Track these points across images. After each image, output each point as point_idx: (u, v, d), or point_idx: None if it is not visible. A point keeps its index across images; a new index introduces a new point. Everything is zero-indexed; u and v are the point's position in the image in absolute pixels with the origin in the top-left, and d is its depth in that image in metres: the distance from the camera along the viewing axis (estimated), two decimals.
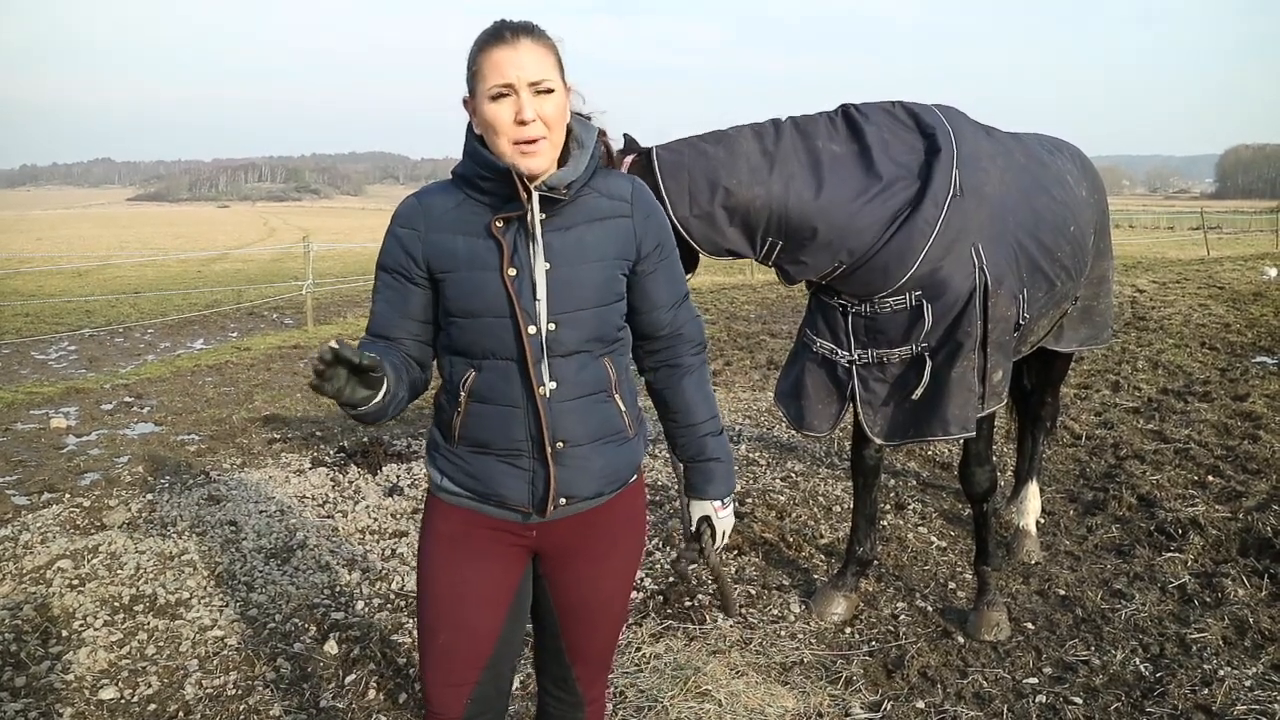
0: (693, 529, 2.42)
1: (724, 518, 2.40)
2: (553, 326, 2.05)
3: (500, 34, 2.00)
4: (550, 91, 2.00)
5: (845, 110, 3.73)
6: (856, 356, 3.81)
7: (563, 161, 2.10)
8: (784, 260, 3.64)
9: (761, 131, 3.60)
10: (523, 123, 1.97)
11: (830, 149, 3.58)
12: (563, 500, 2.13)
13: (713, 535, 2.41)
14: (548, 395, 2.07)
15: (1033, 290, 3.94)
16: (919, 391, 3.68)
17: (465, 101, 2.08)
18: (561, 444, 2.10)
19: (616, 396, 2.18)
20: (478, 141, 2.06)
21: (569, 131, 2.11)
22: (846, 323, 3.80)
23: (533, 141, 1.99)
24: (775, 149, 3.53)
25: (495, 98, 1.98)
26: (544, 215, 2.05)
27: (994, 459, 4.14)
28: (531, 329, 2.03)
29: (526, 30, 2.01)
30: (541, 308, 2.03)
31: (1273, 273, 17.42)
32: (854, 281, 3.63)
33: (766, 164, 3.50)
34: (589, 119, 2.19)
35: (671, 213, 3.41)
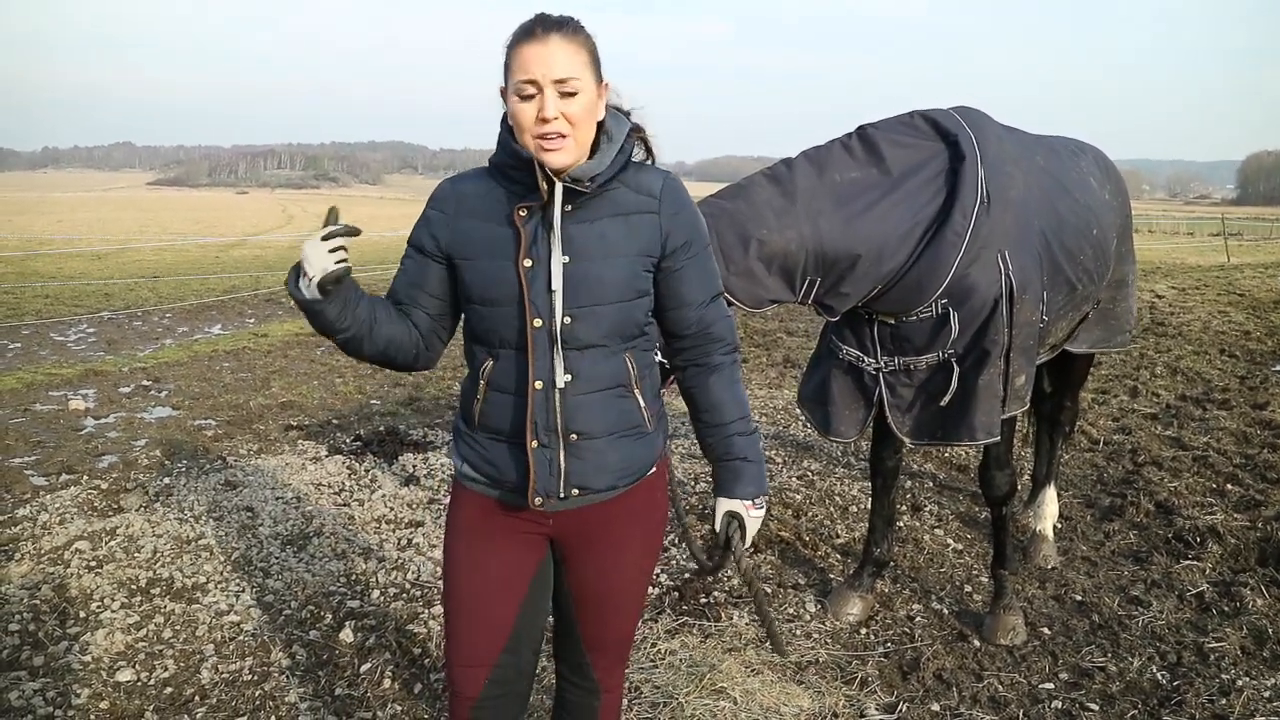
0: (717, 528, 2.33)
1: (754, 516, 2.30)
2: (568, 320, 2.05)
3: (532, 30, 2.00)
4: (576, 92, 2.00)
5: (861, 132, 3.68)
6: (883, 364, 3.79)
7: (591, 154, 2.10)
8: (824, 296, 3.59)
9: (775, 175, 3.54)
10: (544, 120, 1.98)
11: (849, 176, 3.53)
12: (575, 491, 2.15)
13: (743, 534, 2.31)
14: (560, 386, 2.08)
15: (1053, 294, 3.92)
16: (947, 398, 3.66)
17: (501, 91, 2.08)
18: (575, 436, 2.11)
19: (636, 392, 2.18)
20: (509, 131, 2.08)
21: (600, 125, 2.11)
22: (872, 331, 3.77)
23: (553, 137, 1.99)
24: (794, 188, 3.48)
25: (521, 95, 1.99)
26: (568, 208, 2.05)
27: (1013, 463, 4.13)
28: (537, 321, 2.05)
29: (559, 27, 2.00)
30: (557, 300, 2.03)
31: None
32: (888, 300, 3.60)
33: (791, 206, 3.45)
34: (628, 114, 2.19)
35: None
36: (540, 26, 2.00)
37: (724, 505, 2.30)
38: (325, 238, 1.95)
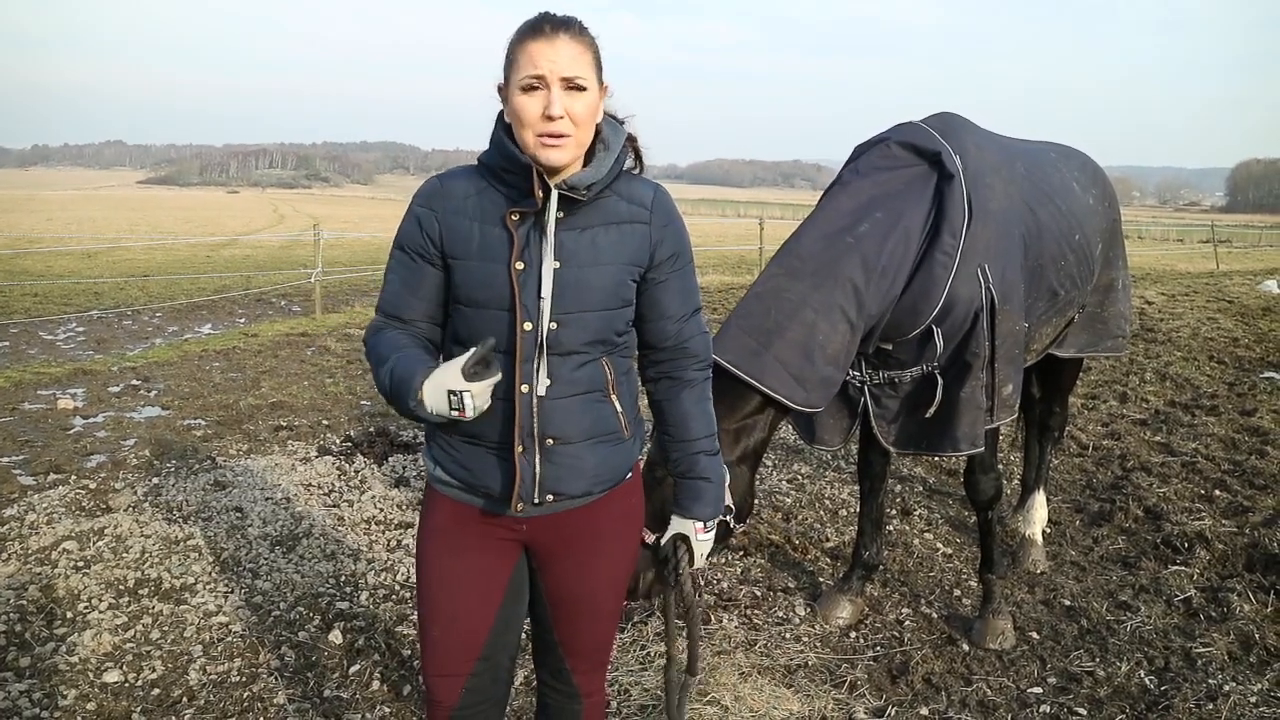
0: (669, 547, 2.38)
1: (703, 540, 2.35)
2: (554, 325, 2.04)
3: (540, 27, 1.98)
4: (582, 90, 1.98)
5: (845, 181, 3.69)
6: (868, 377, 3.80)
7: (587, 161, 2.08)
8: (862, 350, 3.63)
9: (789, 268, 3.47)
10: (550, 118, 1.95)
11: (860, 230, 3.48)
12: (550, 496, 2.13)
13: (690, 558, 2.38)
14: (541, 392, 2.06)
15: (1034, 300, 3.93)
16: (932, 410, 3.66)
17: (500, 89, 2.06)
18: (552, 441, 2.10)
19: (613, 397, 2.17)
20: (505, 132, 2.05)
21: (597, 132, 2.10)
22: None
23: (557, 136, 1.97)
24: (816, 268, 3.42)
25: (526, 89, 1.97)
26: (560, 214, 2.04)
27: (999, 466, 4.14)
28: (527, 325, 2.03)
29: (566, 25, 1.99)
30: (545, 305, 2.02)
31: (1273, 286, 17.32)
32: (888, 328, 3.60)
33: (828, 294, 3.37)
34: (622, 122, 2.18)
35: (790, 403, 3.31)
36: (548, 24, 1.98)
37: (676, 525, 2.36)
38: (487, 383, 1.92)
